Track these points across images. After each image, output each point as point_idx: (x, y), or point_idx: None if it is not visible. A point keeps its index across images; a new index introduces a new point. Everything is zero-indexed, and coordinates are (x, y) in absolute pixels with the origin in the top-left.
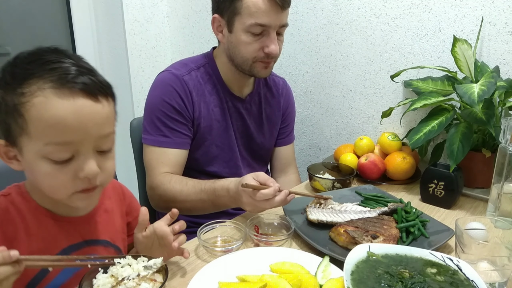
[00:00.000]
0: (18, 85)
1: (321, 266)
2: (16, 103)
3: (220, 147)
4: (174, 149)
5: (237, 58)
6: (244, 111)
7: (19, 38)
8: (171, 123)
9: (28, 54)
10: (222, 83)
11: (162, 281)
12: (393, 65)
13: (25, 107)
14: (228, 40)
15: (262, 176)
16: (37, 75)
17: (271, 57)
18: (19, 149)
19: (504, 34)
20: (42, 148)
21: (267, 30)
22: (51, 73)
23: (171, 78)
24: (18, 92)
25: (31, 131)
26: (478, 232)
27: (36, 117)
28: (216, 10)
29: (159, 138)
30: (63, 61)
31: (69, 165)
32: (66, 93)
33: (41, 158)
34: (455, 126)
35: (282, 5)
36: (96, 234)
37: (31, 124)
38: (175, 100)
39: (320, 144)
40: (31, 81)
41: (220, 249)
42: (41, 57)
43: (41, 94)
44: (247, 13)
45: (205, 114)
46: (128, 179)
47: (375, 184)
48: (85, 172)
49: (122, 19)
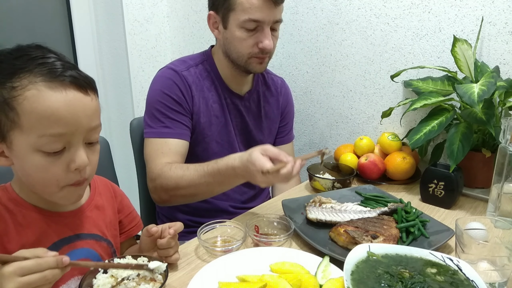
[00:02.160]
0: (7, 80)
1: (321, 266)
2: (6, 97)
3: (220, 144)
4: (175, 139)
5: (232, 54)
6: (243, 108)
7: (19, 38)
8: (171, 114)
9: (12, 50)
10: (221, 80)
11: (162, 281)
12: (393, 65)
13: (17, 101)
14: (224, 36)
15: (271, 150)
16: (26, 69)
17: (265, 52)
18: (9, 144)
19: (504, 34)
20: (35, 141)
21: (261, 26)
22: (40, 67)
23: (170, 73)
24: (7, 87)
25: (23, 124)
26: (478, 232)
27: (29, 109)
28: (211, 6)
29: (160, 129)
30: (48, 56)
31: (61, 157)
32: (57, 85)
33: (33, 151)
34: (455, 126)
35: (276, 1)
36: (87, 228)
37: (24, 117)
38: (174, 92)
39: (320, 144)
40: (21, 75)
41: (220, 249)
42: (27, 52)
43: (33, 87)
44: (241, 9)
45: (204, 109)
46: (128, 179)
47: (375, 184)
48: (77, 163)
49: (122, 19)
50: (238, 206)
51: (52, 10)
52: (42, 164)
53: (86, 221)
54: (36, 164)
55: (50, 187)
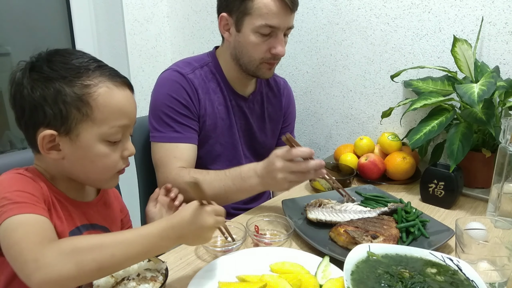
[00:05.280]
0: (76, 78)
1: (321, 266)
2: (79, 94)
3: (224, 146)
4: (186, 144)
5: (244, 57)
6: (247, 110)
7: (19, 38)
8: (180, 119)
9: (62, 51)
10: (226, 82)
11: (162, 281)
12: (393, 65)
13: (91, 96)
14: (236, 39)
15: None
16: (91, 70)
17: (277, 58)
18: (73, 137)
19: (504, 34)
20: (105, 131)
21: (275, 32)
22: (101, 69)
23: (177, 75)
24: (79, 84)
25: (96, 117)
26: (478, 232)
27: (102, 104)
28: (225, 8)
29: (170, 134)
30: (95, 59)
31: (118, 146)
32: (119, 84)
33: (100, 141)
34: (455, 126)
35: (292, 8)
36: (98, 220)
37: (97, 110)
38: (182, 96)
39: (320, 144)
40: (89, 75)
41: (220, 249)
42: (84, 55)
43: (104, 85)
44: (258, 14)
45: (210, 112)
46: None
47: (375, 184)
48: (129, 151)
49: (122, 19)
50: (240, 207)
51: (52, 10)
52: (106, 152)
53: (97, 214)
54: (101, 152)
55: (107, 173)
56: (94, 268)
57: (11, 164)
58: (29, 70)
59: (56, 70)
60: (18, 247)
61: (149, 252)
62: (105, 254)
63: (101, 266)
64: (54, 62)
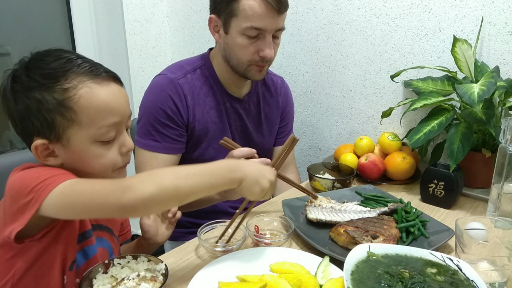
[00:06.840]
0: (55, 83)
1: (321, 266)
2: (60, 99)
3: (217, 149)
4: (164, 154)
5: (232, 59)
6: (243, 111)
7: (19, 38)
8: (161, 128)
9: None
10: (219, 84)
11: (162, 281)
12: (393, 65)
13: (72, 100)
14: (224, 41)
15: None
16: (71, 71)
17: (265, 60)
18: (65, 142)
19: (504, 34)
20: (94, 132)
21: (263, 34)
22: (82, 68)
23: (166, 83)
24: (58, 89)
25: (82, 120)
26: (478, 232)
27: (86, 106)
28: (213, 10)
29: (149, 142)
30: (75, 56)
31: (113, 144)
32: (102, 81)
33: (92, 143)
34: (455, 126)
35: (279, 10)
36: (103, 221)
37: (81, 113)
38: (167, 105)
39: (320, 144)
40: (68, 77)
41: (220, 249)
42: (61, 55)
43: (84, 86)
44: (243, 16)
45: (199, 118)
46: None
47: (375, 184)
48: (127, 146)
49: (122, 19)
50: (238, 206)
51: (52, 10)
52: (100, 152)
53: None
54: (96, 153)
55: (107, 171)
56: (172, 189)
57: (11, 164)
58: (11, 81)
59: (34, 79)
60: (98, 190)
61: (214, 185)
62: (181, 178)
63: (178, 190)
64: (31, 70)
